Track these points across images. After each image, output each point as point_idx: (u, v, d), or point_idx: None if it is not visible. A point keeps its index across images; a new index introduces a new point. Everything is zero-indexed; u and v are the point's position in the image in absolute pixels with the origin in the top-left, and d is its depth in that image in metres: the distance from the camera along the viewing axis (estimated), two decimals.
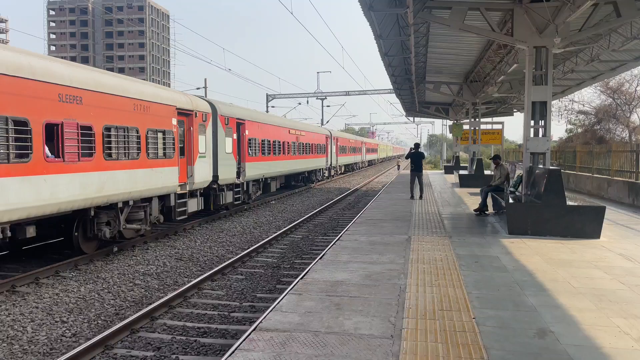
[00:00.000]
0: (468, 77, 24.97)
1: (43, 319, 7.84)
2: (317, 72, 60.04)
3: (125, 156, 12.02)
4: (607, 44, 16.35)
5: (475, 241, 10.30)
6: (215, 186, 17.56)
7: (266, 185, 24.29)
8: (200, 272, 10.95)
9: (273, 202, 24.40)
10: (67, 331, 7.41)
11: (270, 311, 6.02)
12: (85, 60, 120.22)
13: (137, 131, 12.53)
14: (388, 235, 10.99)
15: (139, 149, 12.58)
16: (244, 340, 5.15)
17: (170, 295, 8.69)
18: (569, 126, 45.67)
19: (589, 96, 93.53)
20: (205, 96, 27.66)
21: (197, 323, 7.83)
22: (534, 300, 6.35)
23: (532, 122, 11.94)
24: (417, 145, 19.05)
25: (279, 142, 25.72)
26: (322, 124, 60.49)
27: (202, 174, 16.17)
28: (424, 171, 19.63)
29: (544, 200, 10.76)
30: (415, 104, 35.20)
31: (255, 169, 21.65)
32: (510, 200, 11.88)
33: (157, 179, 13.41)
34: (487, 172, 26.52)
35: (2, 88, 8.69)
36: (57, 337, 7.20)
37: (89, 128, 10.81)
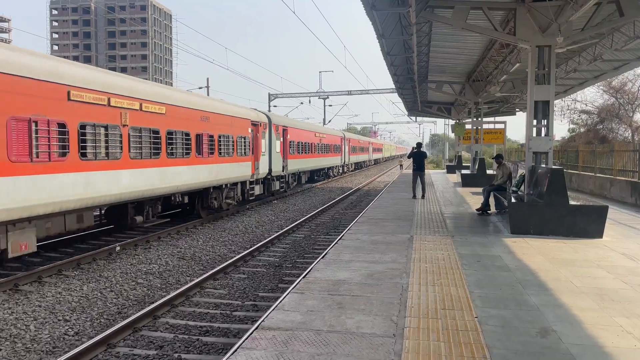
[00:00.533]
0: (470, 76, 24.94)
1: (46, 317, 7.86)
2: (319, 72, 60.13)
3: (227, 154, 18.16)
4: (609, 44, 16.32)
5: (477, 240, 10.30)
6: (269, 177, 23.66)
7: (299, 178, 30.93)
8: (203, 271, 10.97)
9: (275, 201, 24.43)
10: (70, 330, 7.43)
11: (273, 310, 6.03)
12: (87, 60, 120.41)
13: (232, 137, 18.66)
14: (390, 234, 10.99)
15: (233, 149, 18.72)
16: (247, 338, 5.16)
17: (172, 294, 8.70)
18: (572, 126, 45.64)
19: (592, 95, 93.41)
20: (208, 95, 30.37)
21: (199, 322, 7.84)
22: (537, 299, 6.35)
23: (534, 122, 11.92)
24: (419, 145, 19.04)
25: (309, 143, 31.97)
26: (324, 123, 60.49)
27: (263, 168, 22.43)
28: (426, 171, 19.61)
29: (547, 200, 10.75)
30: (418, 104, 35.15)
31: (294, 165, 28.24)
32: (513, 200, 11.86)
33: (241, 170, 19.72)
34: (489, 171, 26.50)
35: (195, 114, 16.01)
36: (59, 335, 7.22)
37: (212, 137, 16.95)
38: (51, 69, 10.16)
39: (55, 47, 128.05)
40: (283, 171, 25.88)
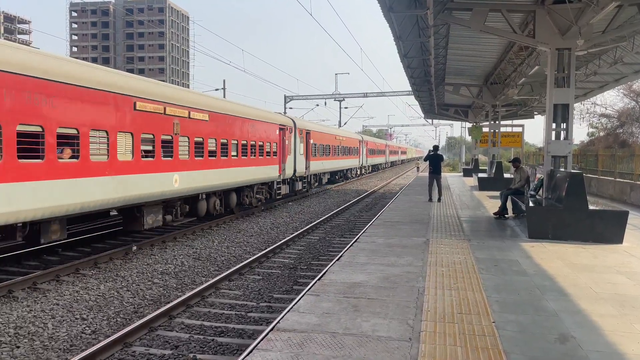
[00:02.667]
0: (488, 79, 24.75)
1: (63, 315, 7.94)
2: (335, 74, 60.07)
3: (261, 156, 20.31)
4: (631, 46, 16.08)
5: (494, 245, 10.20)
6: (293, 177, 25.07)
7: (319, 179, 32.71)
8: (218, 272, 11.00)
9: (290, 203, 24.46)
10: (87, 328, 7.50)
11: (288, 311, 6.02)
12: (105, 61, 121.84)
13: (263, 142, 20.57)
14: (406, 237, 10.93)
15: (263, 152, 20.58)
16: (262, 339, 5.16)
17: (188, 294, 8.74)
18: (591, 129, 45.03)
19: (612, 99, 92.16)
20: (224, 97, 31.06)
21: (214, 322, 7.86)
22: (555, 305, 6.26)
23: (553, 125, 11.79)
24: (436, 148, 18.93)
25: (330, 146, 33.55)
26: (339, 125, 60.45)
27: (288, 169, 23.98)
28: (442, 174, 19.50)
29: (566, 204, 10.61)
30: (434, 106, 34.97)
31: (316, 166, 29.77)
32: (531, 204, 11.73)
33: (269, 171, 21.37)
34: (506, 175, 26.25)
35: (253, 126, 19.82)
36: (77, 333, 7.28)
37: (246, 142, 18.92)
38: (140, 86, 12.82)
39: (75, 49, 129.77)
40: (306, 172, 27.31)
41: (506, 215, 14.16)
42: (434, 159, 18.34)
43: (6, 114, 8.74)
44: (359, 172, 46.99)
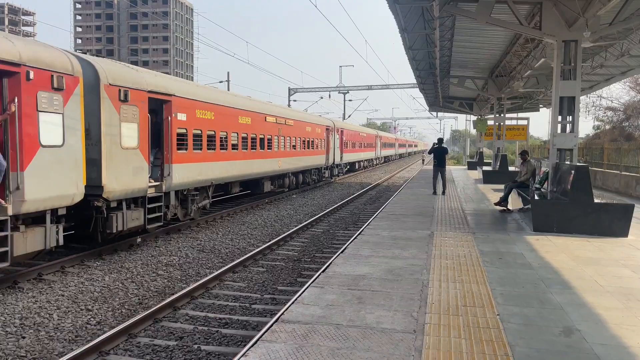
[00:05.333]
0: (493, 71, 24.61)
1: (69, 306, 7.98)
2: (340, 66, 59.85)
3: (313, 149, 28.13)
4: (638, 39, 15.92)
5: (499, 238, 10.18)
6: (332, 165, 32.94)
7: (347, 166, 40.59)
8: (222, 264, 11.03)
9: (294, 195, 24.46)
10: (92, 319, 7.53)
11: (292, 303, 6.03)
12: (110, 53, 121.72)
13: (317, 138, 28.74)
14: (410, 230, 10.92)
15: (317, 146, 28.78)
16: (266, 331, 5.17)
17: (192, 286, 8.76)
18: (597, 122, 44.84)
19: (618, 92, 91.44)
20: (228, 89, 32.58)
21: (218, 314, 7.88)
22: (560, 298, 6.24)
23: (559, 118, 11.72)
24: (440, 141, 18.87)
25: (356, 142, 42.42)
26: (343, 118, 60.35)
27: (331, 159, 32.18)
28: (446, 167, 19.45)
29: (571, 198, 10.57)
30: (439, 99, 34.84)
31: (346, 157, 38.00)
32: (536, 197, 11.69)
33: (320, 160, 29.74)
34: (511, 168, 26.16)
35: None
36: (82, 324, 7.32)
37: (309, 138, 27.12)
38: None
39: (79, 41, 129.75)
40: (340, 161, 35.85)
41: (510, 209, 14.11)
42: (439, 152, 18.28)
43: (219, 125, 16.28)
44: (374, 163, 55.32)
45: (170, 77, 14.62)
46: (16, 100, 8.30)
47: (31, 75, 8.52)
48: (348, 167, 40.38)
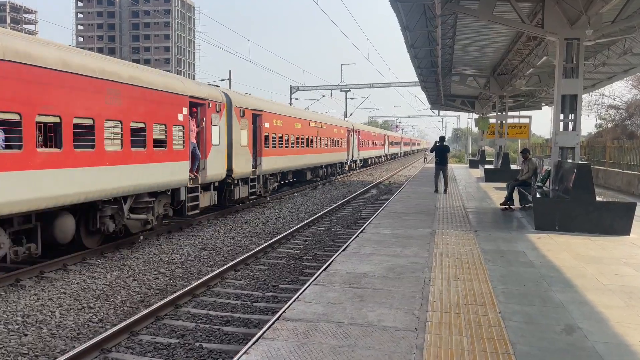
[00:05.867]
0: (495, 69, 24.58)
1: (70, 304, 7.99)
2: (342, 64, 59.82)
3: (339, 147, 34.44)
4: None
5: (501, 236, 10.17)
6: (351, 160, 39.53)
7: (364, 162, 48.73)
8: (224, 262, 11.04)
9: (296, 194, 24.47)
10: (94, 317, 7.55)
11: (294, 301, 6.03)
12: (111, 52, 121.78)
13: (339, 139, 34.35)
14: (412, 228, 10.92)
15: (339, 144, 34.42)
16: (268, 329, 5.17)
17: (194, 284, 8.77)
18: (599, 121, 44.71)
19: (620, 90, 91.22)
20: (230, 88, 33.65)
21: (220, 312, 7.89)
22: (562, 296, 6.24)
23: (561, 116, 11.70)
24: (442, 139, 18.85)
25: (369, 140, 48.70)
26: (345, 116, 60.38)
27: (350, 155, 38.90)
28: (448, 165, 19.44)
29: (573, 196, 10.55)
30: (441, 97, 34.79)
31: (362, 154, 45.34)
32: (538, 195, 11.68)
33: (343, 156, 35.84)
34: (513, 166, 26.13)
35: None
36: (84, 322, 7.33)
37: (338, 140, 34.68)
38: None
39: (81, 39, 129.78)
40: (357, 157, 42.55)
41: (512, 207, 14.10)
42: (440, 150, 18.27)
43: (285, 130, 22.73)
44: (383, 159, 61.61)
45: (260, 98, 21.99)
46: (204, 119, 14.67)
47: (209, 105, 14.91)
48: (362, 162, 46.94)
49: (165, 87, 12.64)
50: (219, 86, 17.80)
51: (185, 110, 13.52)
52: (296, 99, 54.41)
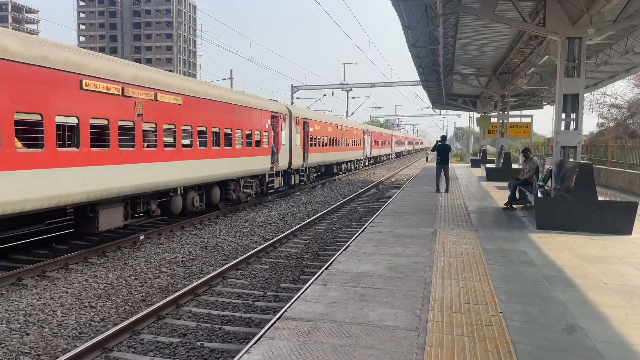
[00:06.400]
0: (497, 69, 24.56)
1: (72, 303, 8.00)
2: (343, 64, 59.78)
3: (357, 146, 41.95)
4: None
5: (502, 235, 10.16)
6: (364, 157, 45.68)
7: (376, 159, 55.85)
8: (225, 261, 11.04)
9: (297, 193, 24.48)
10: (96, 316, 7.56)
11: (295, 300, 6.03)
12: (113, 51, 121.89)
13: (357, 139, 42.15)
14: (413, 228, 10.92)
15: (359, 144, 42.95)
16: (269, 328, 5.18)
17: (195, 283, 8.78)
18: (601, 120, 44.66)
19: (622, 89, 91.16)
20: (231, 87, 34.61)
21: (221, 311, 7.90)
22: (563, 295, 6.24)
23: (563, 115, 11.69)
24: (443, 138, 18.84)
25: (377, 140, 53.43)
26: (346, 116, 60.41)
27: (365, 153, 45.82)
28: (450, 164, 19.42)
29: (574, 195, 10.54)
30: (442, 96, 34.78)
31: (374, 152, 51.89)
32: (539, 195, 11.67)
33: (359, 154, 43.26)
34: (514, 165, 26.11)
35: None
36: (86, 321, 7.34)
37: (356, 140, 41.80)
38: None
39: (82, 38, 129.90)
40: (370, 155, 49.19)
41: (513, 206, 14.09)
42: (442, 150, 18.26)
43: (321, 132, 30.05)
44: (389, 157, 68.31)
45: (306, 109, 30.76)
46: (279, 127, 21.34)
47: (281, 117, 21.62)
48: (373, 159, 52.79)
49: (258, 106, 19.19)
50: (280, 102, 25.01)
51: (269, 121, 20.31)
52: (297, 98, 54.54)
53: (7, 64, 8.49)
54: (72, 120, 9.93)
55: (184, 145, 13.98)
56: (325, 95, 59.02)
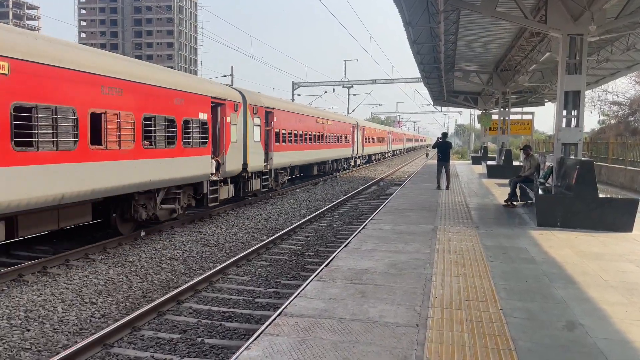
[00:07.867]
0: (498, 65, 24.51)
1: (73, 299, 8.01)
2: (344, 60, 59.73)
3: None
4: None
5: (503, 232, 10.16)
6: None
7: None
8: (226, 258, 11.05)
9: (298, 190, 24.47)
10: (96, 312, 7.57)
11: (295, 297, 6.04)
12: (114, 48, 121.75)
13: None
14: (414, 224, 10.91)
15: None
16: (269, 324, 5.18)
17: (196, 279, 8.79)
18: (602, 117, 44.63)
19: (624, 87, 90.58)
20: (232, 84, 34.33)
21: (222, 307, 7.91)
22: (563, 292, 6.23)
23: (564, 112, 11.67)
24: (444, 135, 18.82)
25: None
26: (347, 113, 60.33)
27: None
28: (451, 161, 19.40)
29: (575, 192, 10.53)
30: (444, 93, 34.73)
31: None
32: (540, 192, 11.66)
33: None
34: (515, 162, 26.08)
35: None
36: (86, 317, 7.36)
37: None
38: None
39: (83, 35, 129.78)
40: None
41: (515, 203, 14.08)
42: (443, 146, 18.24)
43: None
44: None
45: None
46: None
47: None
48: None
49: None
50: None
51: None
52: (298, 95, 54.48)
53: None
54: None
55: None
56: (326, 92, 59.01)
